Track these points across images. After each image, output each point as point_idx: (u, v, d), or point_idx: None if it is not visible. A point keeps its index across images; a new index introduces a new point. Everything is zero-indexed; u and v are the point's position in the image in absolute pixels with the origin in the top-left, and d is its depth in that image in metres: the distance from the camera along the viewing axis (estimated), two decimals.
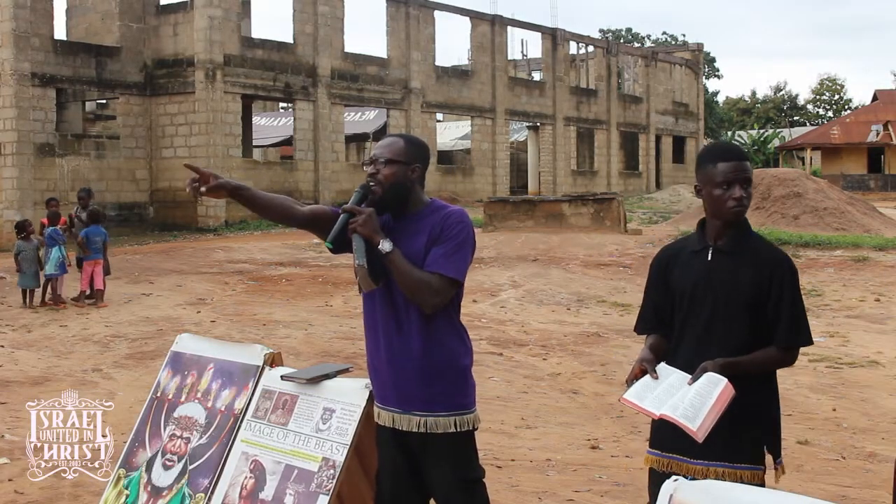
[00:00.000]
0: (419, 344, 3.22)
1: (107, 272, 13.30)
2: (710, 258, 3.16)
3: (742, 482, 3.00)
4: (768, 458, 3.18)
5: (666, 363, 3.18)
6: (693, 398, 2.93)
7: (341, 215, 3.23)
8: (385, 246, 3.15)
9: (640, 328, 3.39)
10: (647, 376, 3.07)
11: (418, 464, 3.29)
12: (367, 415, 3.37)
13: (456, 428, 3.22)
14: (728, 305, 3.10)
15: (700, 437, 2.87)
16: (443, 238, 3.20)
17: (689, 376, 3.01)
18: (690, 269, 3.19)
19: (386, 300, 3.27)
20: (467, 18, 35.20)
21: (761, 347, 3.08)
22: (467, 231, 3.25)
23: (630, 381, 3.13)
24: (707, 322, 3.13)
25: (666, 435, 3.11)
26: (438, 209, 3.30)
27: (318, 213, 3.40)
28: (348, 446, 3.33)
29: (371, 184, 3.29)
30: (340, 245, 3.24)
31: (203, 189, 3.28)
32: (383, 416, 3.30)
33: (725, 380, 2.95)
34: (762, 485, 3.08)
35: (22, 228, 13.33)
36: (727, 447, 3.03)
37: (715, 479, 3.00)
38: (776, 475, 3.17)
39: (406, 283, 3.16)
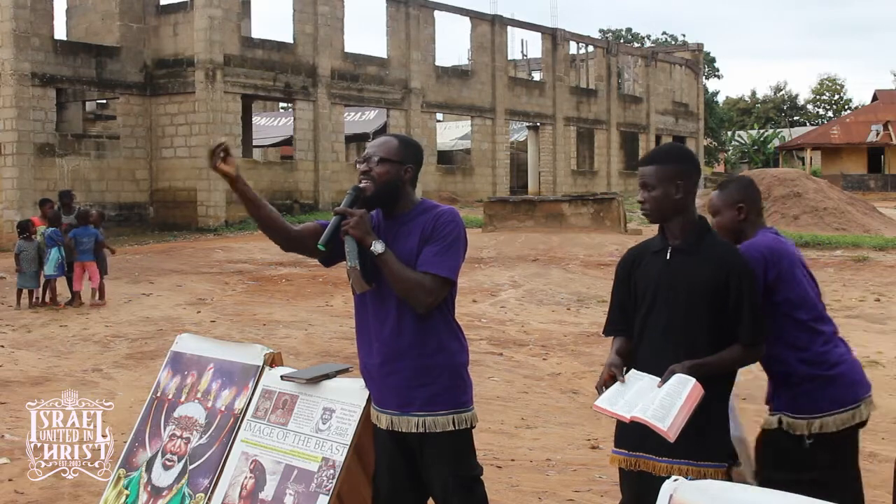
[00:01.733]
0: (414, 344, 3.22)
1: (103, 272, 13.18)
2: (668, 257, 3.20)
3: (706, 479, 3.04)
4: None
5: (632, 363, 3.22)
6: (663, 399, 2.96)
7: (333, 217, 3.23)
8: (377, 247, 3.15)
9: (607, 330, 3.41)
10: (618, 382, 3.10)
11: (416, 464, 3.29)
12: (367, 415, 3.37)
13: (455, 426, 3.22)
14: (687, 304, 3.13)
15: (671, 437, 2.90)
16: (434, 237, 3.21)
17: (659, 379, 3.05)
18: (651, 269, 3.24)
19: (378, 302, 3.27)
20: (467, 18, 35.19)
21: (722, 345, 3.12)
22: (458, 230, 3.26)
23: (600, 388, 3.16)
24: (667, 321, 3.16)
25: (631, 434, 3.15)
26: (429, 209, 3.30)
27: (307, 228, 3.39)
28: (348, 446, 3.33)
29: (363, 181, 3.28)
30: (333, 246, 3.24)
31: (220, 160, 3.18)
32: (381, 419, 3.30)
33: (694, 380, 2.98)
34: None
35: (24, 228, 13.30)
36: (692, 445, 3.06)
37: (679, 476, 3.03)
38: (736, 473, 3.20)
39: (399, 283, 3.16)
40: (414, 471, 3.31)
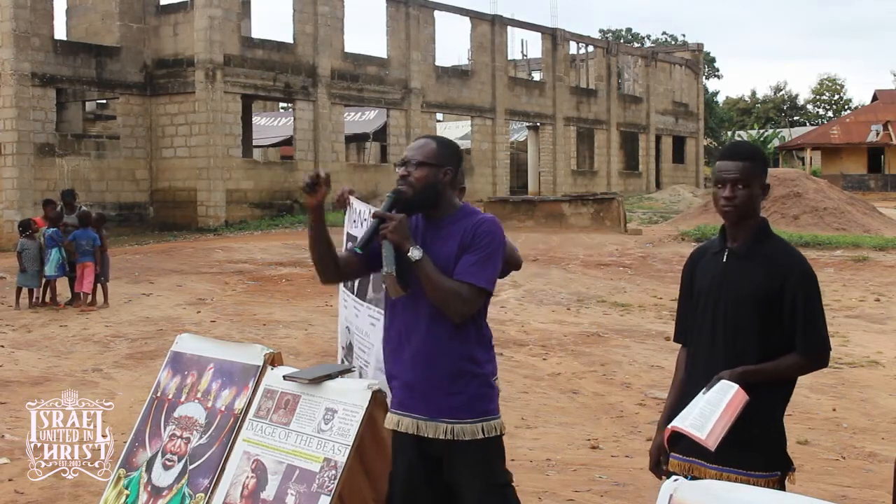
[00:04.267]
0: (445, 351, 3.18)
1: (102, 277, 13.04)
2: (724, 260, 3.13)
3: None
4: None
5: (686, 367, 3.21)
6: (703, 407, 2.92)
7: (372, 220, 3.19)
8: (415, 253, 3.11)
9: (675, 335, 3.38)
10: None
11: (439, 470, 3.25)
12: (370, 416, 3.36)
13: (483, 434, 3.18)
14: (736, 309, 3.06)
15: (711, 446, 2.86)
16: (474, 246, 3.16)
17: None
18: (707, 271, 3.18)
19: (411, 307, 3.23)
20: (467, 18, 35.19)
21: (773, 353, 3.04)
22: (498, 240, 3.22)
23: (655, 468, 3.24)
24: (716, 325, 3.10)
25: (685, 438, 3.08)
26: (469, 215, 3.26)
27: (344, 258, 3.37)
28: (350, 447, 3.32)
29: (401, 186, 3.24)
30: (368, 249, 3.21)
31: (320, 188, 3.17)
32: (405, 423, 3.25)
33: (737, 386, 2.92)
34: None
35: (26, 227, 13.31)
36: (743, 454, 3.00)
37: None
38: (791, 479, 3.15)
39: (435, 291, 3.13)
40: (434, 477, 3.26)
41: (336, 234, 3.45)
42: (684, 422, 2.91)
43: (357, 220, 4.31)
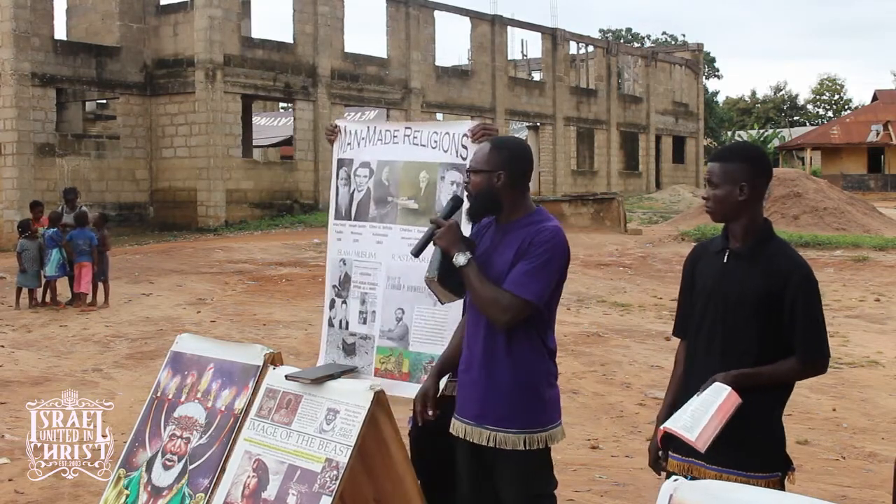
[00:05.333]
0: (498, 358, 3.18)
1: (101, 277, 13.06)
2: (725, 261, 3.13)
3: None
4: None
5: (684, 365, 3.22)
6: (695, 409, 2.91)
7: (429, 226, 3.22)
8: (459, 259, 3.10)
9: (674, 329, 3.37)
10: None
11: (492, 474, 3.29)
12: (372, 416, 3.36)
13: (525, 446, 3.17)
14: (736, 311, 3.05)
15: (701, 448, 2.85)
16: (528, 255, 3.11)
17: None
18: (708, 270, 3.17)
19: (474, 314, 3.24)
20: (467, 18, 35.19)
21: (771, 356, 3.03)
22: (554, 251, 3.14)
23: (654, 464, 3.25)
24: (714, 326, 3.09)
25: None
26: (536, 222, 3.20)
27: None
28: (352, 447, 3.31)
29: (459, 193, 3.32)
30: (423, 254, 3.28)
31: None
32: (457, 426, 3.28)
33: (729, 388, 2.91)
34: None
35: (26, 227, 13.32)
36: (743, 455, 2.99)
37: None
38: (790, 479, 3.16)
39: (477, 297, 3.12)
40: (492, 481, 3.29)
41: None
42: (676, 423, 2.91)
43: (351, 143, 4.33)
